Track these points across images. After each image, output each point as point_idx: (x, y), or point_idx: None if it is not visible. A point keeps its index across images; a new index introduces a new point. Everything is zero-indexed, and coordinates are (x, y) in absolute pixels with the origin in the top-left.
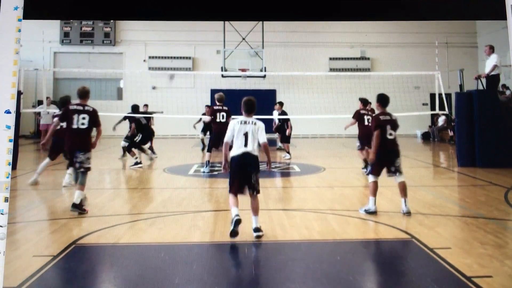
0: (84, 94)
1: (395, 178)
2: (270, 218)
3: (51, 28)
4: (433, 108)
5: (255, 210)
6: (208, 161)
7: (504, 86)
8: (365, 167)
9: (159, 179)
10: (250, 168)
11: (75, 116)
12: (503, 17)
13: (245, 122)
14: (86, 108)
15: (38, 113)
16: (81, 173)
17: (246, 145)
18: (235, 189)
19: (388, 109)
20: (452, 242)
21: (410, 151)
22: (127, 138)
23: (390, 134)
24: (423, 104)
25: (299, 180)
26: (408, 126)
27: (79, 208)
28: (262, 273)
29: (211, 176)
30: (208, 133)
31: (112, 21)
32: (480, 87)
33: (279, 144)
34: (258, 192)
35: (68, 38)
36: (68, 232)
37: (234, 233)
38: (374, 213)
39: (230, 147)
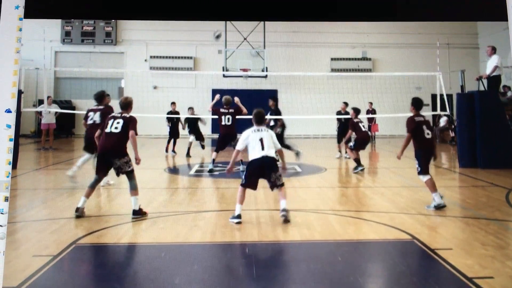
0: (124, 105)
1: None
2: (272, 218)
3: (52, 27)
4: (434, 109)
5: (283, 196)
6: (214, 159)
7: (505, 87)
8: (356, 167)
9: (160, 179)
10: (269, 170)
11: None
12: (504, 18)
13: (258, 130)
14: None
15: (39, 112)
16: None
17: (263, 148)
18: (249, 185)
19: (390, 109)
20: (453, 243)
21: (412, 151)
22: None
23: (428, 134)
24: (425, 105)
25: (300, 181)
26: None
27: (137, 214)
28: (263, 273)
29: (212, 176)
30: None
31: (113, 20)
32: (482, 88)
33: None
34: (282, 185)
35: (69, 37)
36: (68, 231)
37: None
38: (444, 206)
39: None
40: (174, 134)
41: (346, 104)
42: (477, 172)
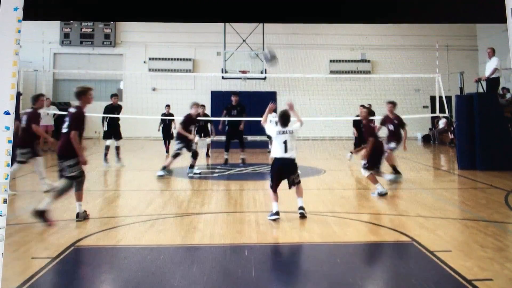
0: (76, 93)
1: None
2: (271, 221)
3: (51, 29)
4: (433, 110)
5: (300, 193)
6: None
7: (504, 89)
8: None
9: (159, 181)
10: (289, 173)
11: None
12: (503, 20)
13: (284, 132)
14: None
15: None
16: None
17: (286, 151)
18: (275, 187)
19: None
20: (453, 245)
21: (411, 153)
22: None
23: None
24: (424, 107)
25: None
26: (408, 129)
27: (39, 216)
28: (262, 275)
29: (211, 178)
30: (202, 135)
31: (112, 22)
32: (481, 90)
33: (270, 147)
34: (299, 183)
35: (68, 39)
36: (67, 234)
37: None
38: (386, 194)
39: None
40: (167, 135)
41: (364, 107)
42: (476, 174)
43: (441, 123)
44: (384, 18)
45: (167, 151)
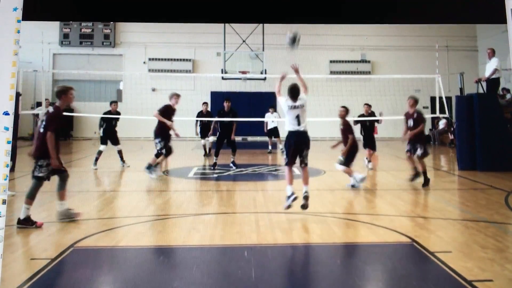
0: (56, 92)
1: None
2: (271, 221)
3: (51, 29)
4: (433, 111)
5: (305, 180)
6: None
7: (504, 89)
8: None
9: (158, 182)
10: (303, 146)
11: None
12: (503, 20)
13: (295, 107)
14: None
15: (37, 115)
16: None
17: (299, 124)
18: (290, 163)
19: (389, 112)
20: (453, 246)
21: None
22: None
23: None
24: (424, 108)
25: (299, 183)
26: None
27: (24, 224)
28: (262, 276)
29: (210, 179)
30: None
31: (112, 22)
32: (481, 91)
33: (270, 147)
34: (306, 165)
35: (68, 39)
36: (66, 235)
37: (288, 207)
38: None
39: None
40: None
41: (369, 106)
42: (476, 174)
43: (441, 124)
44: (384, 18)
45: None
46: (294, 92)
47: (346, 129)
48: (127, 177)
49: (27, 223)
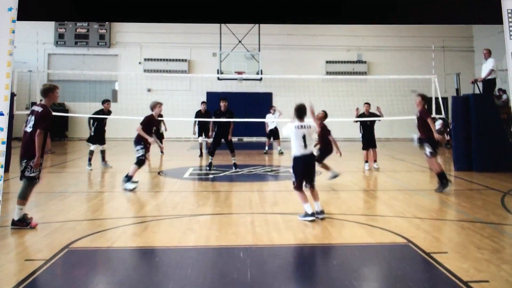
0: (42, 91)
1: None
2: (266, 222)
3: (46, 29)
4: (429, 112)
5: (316, 197)
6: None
7: (500, 90)
8: (443, 186)
9: (153, 182)
10: (311, 168)
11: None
12: (500, 21)
13: (302, 127)
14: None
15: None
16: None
17: (305, 146)
18: (298, 186)
19: (385, 113)
20: (449, 247)
21: (407, 155)
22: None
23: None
24: None
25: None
26: (404, 130)
27: (18, 225)
28: (257, 277)
29: (206, 180)
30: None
31: (107, 22)
32: (477, 91)
33: (266, 148)
34: (314, 186)
35: (63, 39)
36: (61, 236)
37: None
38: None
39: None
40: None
41: (369, 105)
42: (472, 175)
43: (437, 124)
44: (380, 19)
45: (162, 151)
46: (300, 112)
47: (323, 131)
48: (122, 177)
49: (21, 224)
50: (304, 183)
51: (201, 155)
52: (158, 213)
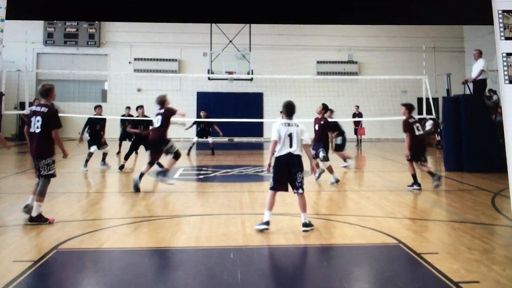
0: (42, 92)
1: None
2: (257, 223)
3: (35, 28)
4: (420, 112)
5: (303, 207)
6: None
7: (491, 90)
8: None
9: (143, 183)
10: (294, 169)
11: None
12: (490, 22)
13: (289, 124)
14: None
15: (26, 115)
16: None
17: (291, 146)
18: (278, 187)
19: (375, 113)
20: (439, 247)
21: (398, 155)
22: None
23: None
24: None
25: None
26: (395, 131)
27: (37, 221)
28: (248, 278)
29: (196, 180)
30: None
31: (97, 22)
32: (467, 92)
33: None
34: (303, 190)
35: (52, 39)
36: (49, 236)
37: (258, 230)
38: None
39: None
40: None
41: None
42: (462, 176)
43: (428, 125)
44: (371, 19)
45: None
46: (289, 109)
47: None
48: (112, 178)
49: (40, 220)
50: (291, 189)
51: (188, 153)
52: (148, 213)
